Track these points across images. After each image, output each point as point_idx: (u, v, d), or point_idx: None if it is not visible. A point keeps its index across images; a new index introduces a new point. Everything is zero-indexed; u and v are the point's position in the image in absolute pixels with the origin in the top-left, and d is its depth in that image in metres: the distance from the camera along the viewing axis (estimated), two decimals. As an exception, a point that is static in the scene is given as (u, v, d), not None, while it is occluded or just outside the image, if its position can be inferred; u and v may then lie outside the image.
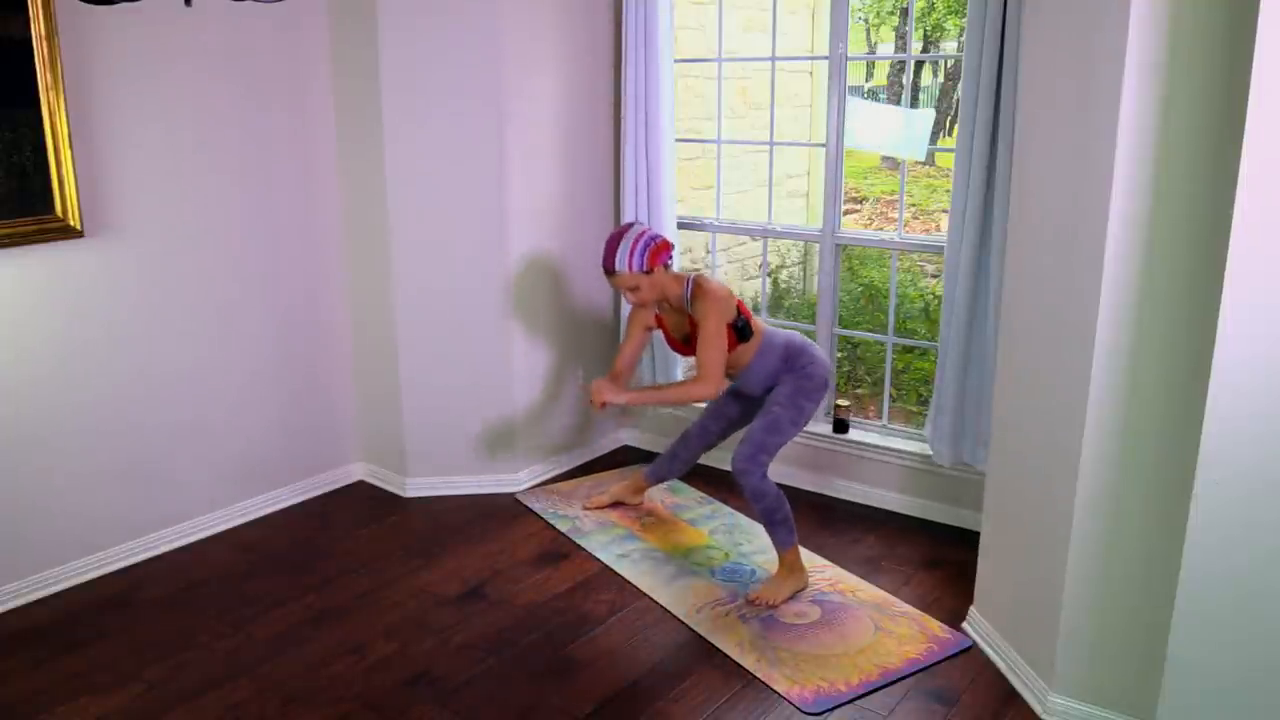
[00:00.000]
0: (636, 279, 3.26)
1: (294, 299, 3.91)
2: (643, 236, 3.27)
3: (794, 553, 3.30)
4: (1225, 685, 2.27)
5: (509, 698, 2.79)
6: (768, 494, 3.25)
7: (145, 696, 2.80)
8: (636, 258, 3.24)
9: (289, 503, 4.01)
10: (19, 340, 3.17)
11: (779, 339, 3.37)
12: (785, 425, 3.29)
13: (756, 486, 3.25)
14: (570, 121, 4.10)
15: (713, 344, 3.21)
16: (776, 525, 3.27)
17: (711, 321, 3.21)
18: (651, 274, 3.27)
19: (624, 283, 3.28)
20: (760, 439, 3.27)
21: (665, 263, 3.30)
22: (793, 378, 3.32)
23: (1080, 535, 2.52)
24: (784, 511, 3.27)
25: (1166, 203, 2.25)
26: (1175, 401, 2.31)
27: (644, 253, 3.24)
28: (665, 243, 3.30)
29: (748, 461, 3.24)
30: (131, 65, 3.29)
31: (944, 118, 9.25)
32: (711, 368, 3.21)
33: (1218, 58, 2.13)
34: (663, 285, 3.31)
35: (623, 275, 3.26)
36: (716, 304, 3.22)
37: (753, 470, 3.24)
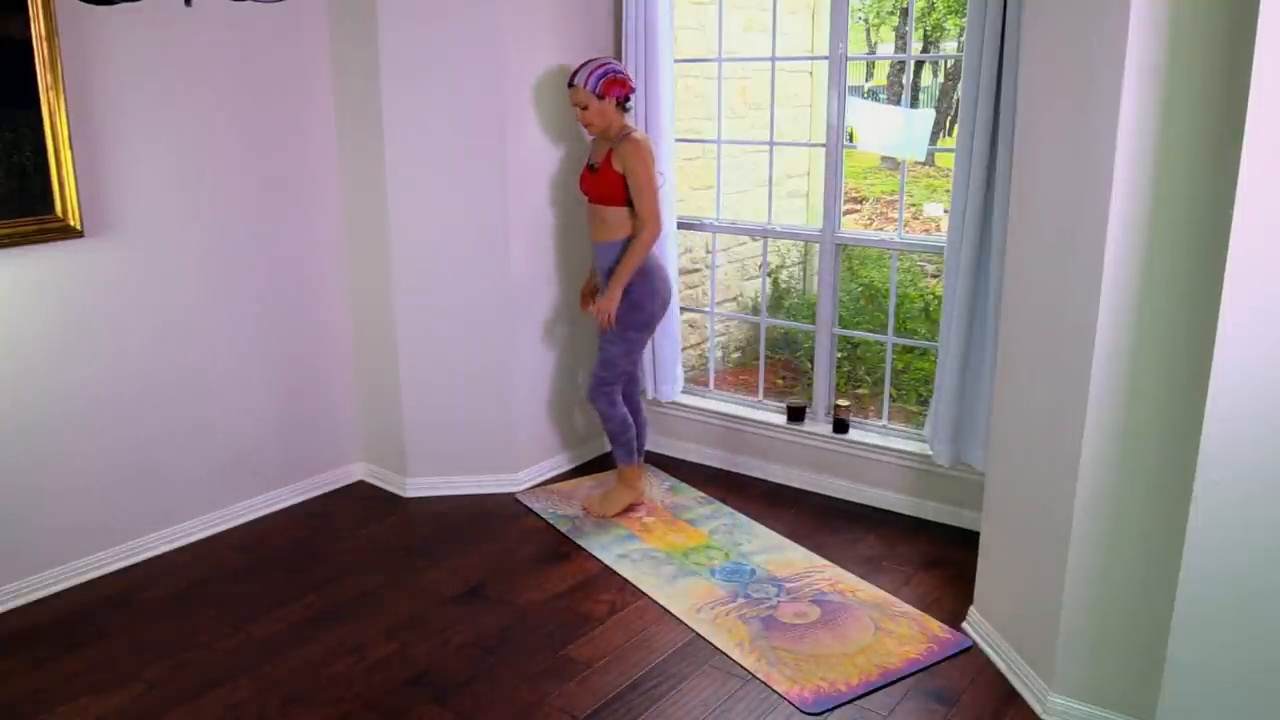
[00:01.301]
0: (587, 98, 3.57)
1: (294, 299, 3.91)
2: (607, 65, 3.60)
3: (631, 471, 3.82)
4: (1225, 685, 2.27)
5: (509, 698, 2.79)
6: (612, 417, 3.76)
7: (145, 696, 2.80)
8: (593, 79, 3.56)
9: (289, 503, 4.01)
10: (19, 340, 3.17)
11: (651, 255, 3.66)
12: (616, 358, 3.71)
13: (602, 410, 3.77)
14: (571, 121, 4.10)
15: (647, 188, 3.55)
16: (618, 445, 3.80)
17: (639, 171, 3.54)
18: (603, 100, 3.57)
19: (577, 98, 3.60)
20: (598, 374, 3.75)
21: (619, 97, 3.60)
22: (624, 305, 3.64)
23: (1080, 535, 2.52)
24: (627, 435, 3.78)
25: (1166, 204, 2.25)
26: (1175, 402, 2.31)
27: (601, 78, 3.55)
28: (624, 79, 3.60)
29: (594, 392, 3.77)
30: (131, 65, 3.29)
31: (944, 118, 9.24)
32: (649, 212, 3.56)
33: (1218, 59, 2.13)
34: (613, 116, 3.62)
35: (578, 90, 3.59)
36: (641, 153, 3.55)
37: (598, 398, 3.76)
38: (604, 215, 3.67)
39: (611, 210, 3.64)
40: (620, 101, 3.62)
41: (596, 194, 3.67)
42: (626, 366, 3.75)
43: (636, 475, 3.86)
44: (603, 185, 3.63)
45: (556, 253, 4.15)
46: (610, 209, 3.64)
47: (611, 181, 3.60)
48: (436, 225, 3.87)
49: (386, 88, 3.72)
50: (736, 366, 6.12)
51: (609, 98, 3.57)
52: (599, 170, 3.64)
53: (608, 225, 3.67)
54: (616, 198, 3.61)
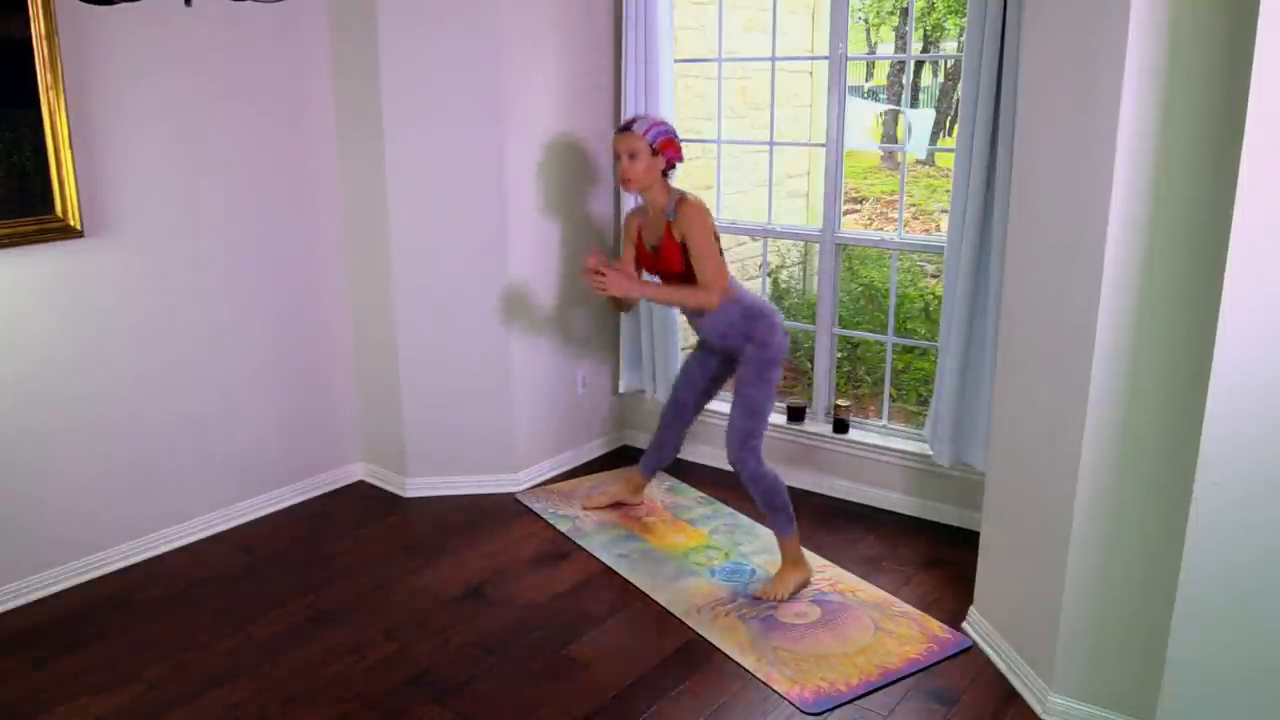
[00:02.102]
0: (642, 147, 3.29)
1: (294, 299, 3.91)
2: (668, 124, 3.37)
3: (795, 544, 3.33)
4: (1225, 686, 2.27)
5: (509, 698, 2.79)
6: (765, 476, 3.31)
7: (145, 696, 2.80)
8: (654, 131, 3.31)
9: (289, 503, 4.01)
10: (19, 340, 3.17)
11: (741, 296, 3.38)
12: (760, 404, 3.33)
13: (753, 470, 3.30)
14: (570, 121, 4.10)
15: (707, 255, 3.26)
16: (776, 510, 3.31)
17: (698, 234, 3.26)
18: (655, 156, 3.31)
19: (629, 143, 3.30)
20: (742, 426, 3.32)
21: (670, 160, 3.36)
22: (753, 348, 3.34)
23: (1080, 536, 2.52)
24: (783, 497, 3.31)
25: (1166, 204, 2.25)
26: (1175, 402, 2.31)
27: (660, 134, 3.32)
28: (679, 144, 3.38)
29: (740, 449, 3.31)
30: (131, 65, 3.29)
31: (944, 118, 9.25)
32: (709, 275, 3.25)
33: (1218, 60, 2.13)
34: (655, 177, 3.35)
35: (634, 135, 3.30)
36: (700, 217, 3.28)
37: (746, 456, 3.30)
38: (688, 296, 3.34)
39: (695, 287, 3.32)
40: (669, 166, 3.37)
41: (671, 273, 3.39)
42: (770, 412, 3.36)
43: (799, 547, 3.36)
44: (671, 263, 3.36)
45: (556, 252, 4.15)
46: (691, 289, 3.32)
47: (680, 256, 3.34)
48: (436, 225, 3.87)
49: (387, 88, 3.72)
50: (736, 366, 6.11)
51: (662, 156, 3.32)
52: (661, 250, 3.36)
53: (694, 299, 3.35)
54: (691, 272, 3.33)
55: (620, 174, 3.36)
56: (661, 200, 3.37)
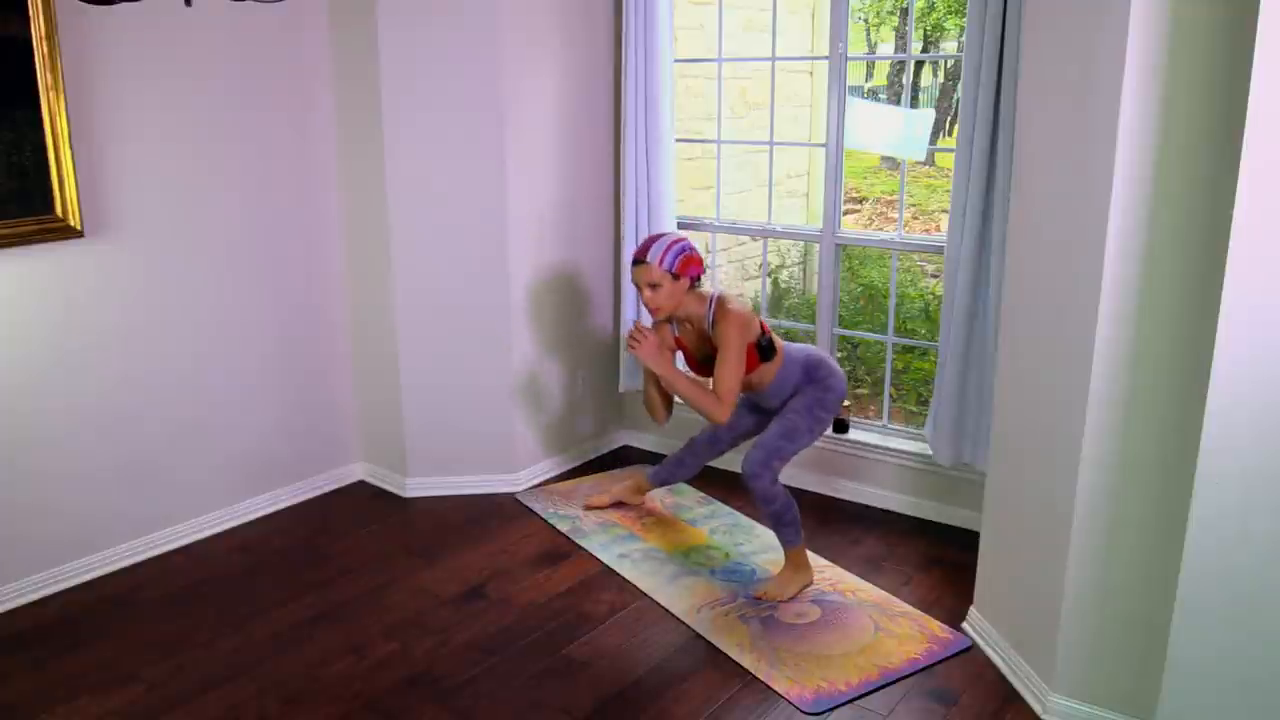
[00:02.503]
0: (662, 276, 3.20)
1: (294, 299, 3.91)
2: (682, 242, 3.25)
3: (801, 552, 3.32)
4: (1225, 685, 2.27)
5: (509, 698, 2.79)
6: (777, 498, 3.26)
7: (145, 696, 2.80)
8: (670, 256, 3.20)
9: (289, 503, 4.01)
10: (19, 340, 3.17)
11: (798, 354, 3.36)
12: (801, 433, 3.29)
13: (766, 491, 3.25)
14: (570, 121, 4.10)
15: (731, 367, 3.17)
16: (785, 526, 3.28)
17: (733, 344, 3.17)
18: (677, 280, 3.22)
19: (648, 275, 3.21)
20: (775, 444, 3.26)
21: (694, 277, 3.25)
22: (812, 388, 3.33)
23: (1080, 535, 2.52)
24: (793, 514, 3.28)
25: (1167, 203, 2.25)
26: (1175, 402, 2.31)
27: (678, 256, 3.21)
28: (699, 259, 3.26)
29: (760, 466, 3.24)
30: (131, 65, 3.29)
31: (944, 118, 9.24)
32: (726, 393, 3.17)
33: (1218, 59, 2.13)
34: (683, 298, 3.25)
35: (651, 267, 3.20)
36: (740, 325, 3.18)
37: (763, 475, 3.24)
38: (756, 379, 3.34)
39: (756, 374, 3.32)
40: (694, 283, 3.28)
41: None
42: (802, 448, 3.34)
43: (804, 552, 3.37)
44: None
45: (557, 252, 4.15)
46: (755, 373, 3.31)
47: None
48: (436, 225, 3.87)
49: (387, 88, 3.72)
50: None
51: (684, 278, 3.23)
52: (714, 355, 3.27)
53: (761, 382, 3.35)
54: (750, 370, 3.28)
55: (645, 304, 3.28)
56: (698, 311, 3.28)
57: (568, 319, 4.25)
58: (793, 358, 3.35)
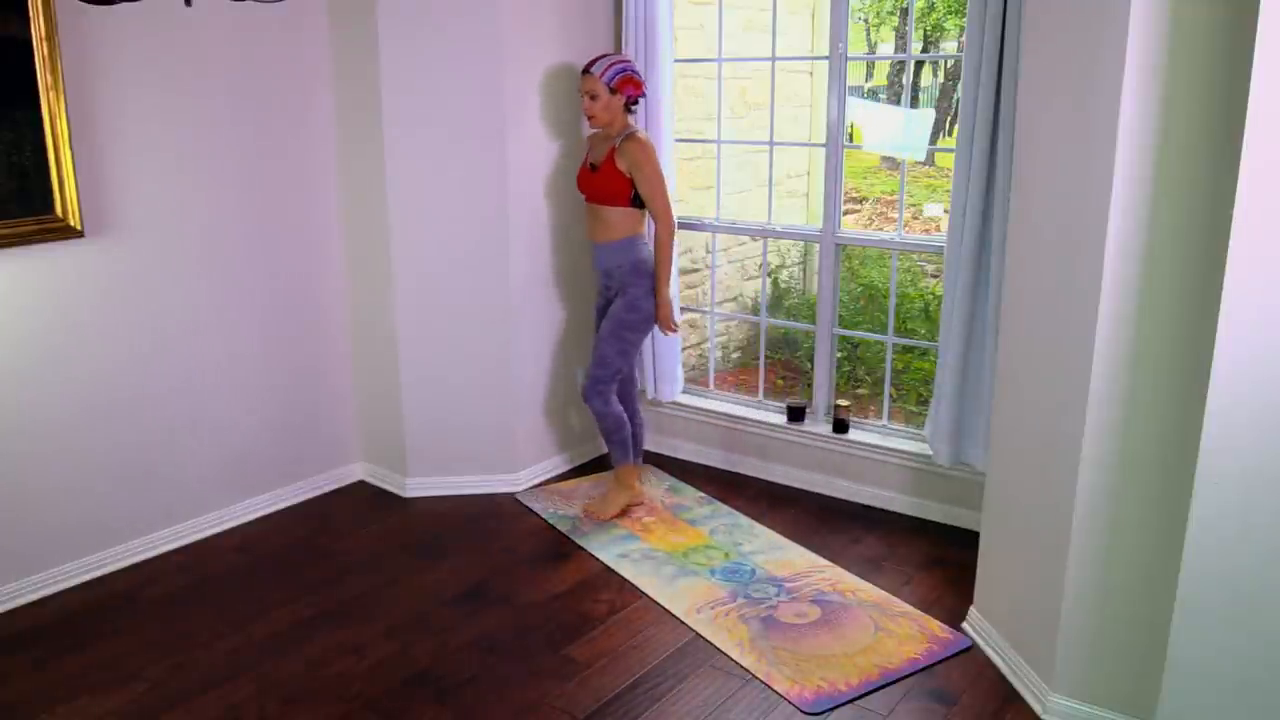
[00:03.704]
0: (600, 89, 3.56)
1: (294, 299, 3.91)
2: (625, 62, 3.60)
3: (628, 471, 3.79)
4: (1225, 685, 2.27)
5: (509, 698, 2.79)
6: (607, 415, 3.73)
7: (145, 696, 2.80)
8: (610, 72, 3.56)
9: (289, 503, 4.01)
10: (18, 340, 3.17)
11: (640, 249, 3.69)
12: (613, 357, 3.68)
13: (598, 410, 3.73)
14: (571, 121, 4.10)
15: (658, 190, 3.59)
16: (614, 444, 3.77)
17: (648, 170, 3.57)
18: (614, 95, 3.57)
19: (589, 84, 3.58)
20: (595, 373, 3.70)
21: (630, 96, 3.61)
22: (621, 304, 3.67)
23: (1080, 535, 2.52)
24: (622, 434, 3.75)
25: (1167, 203, 2.25)
26: (1175, 402, 2.31)
27: (618, 74, 3.56)
28: (638, 80, 3.61)
29: (590, 390, 3.73)
30: (131, 65, 3.29)
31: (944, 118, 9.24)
32: (663, 209, 3.60)
33: (1218, 59, 2.13)
34: (617, 114, 3.62)
35: (592, 78, 3.57)
36: (649, 153, 3.59)
37: (593, 397, 3.72)
38: (604, 215, 3.67)
39: (613, 210, 3.65)
40: (629, 102, 3.63)
41: (597, 194, 3.67)
42: (621, 365, 3.73)
43: (633, 475, 3.85)
44: (604, 185, 3.63)
45: (556, 252, 4.15)
46: (611, 209, 3.65)
47: (614, 181, 3.60)
48: (436, 225, 3.87)
49: (387, 88, 3.72)
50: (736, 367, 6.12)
51: (620, 94, 3.58)
52: (600, 169, 3.64)
53: (608, 225, 3.67)
54: (618, 197, 3.62)
55: (584, 111, 3.64)
56: (616, 128, 3.65)
57: (568, 318, 4.25)
58: (640, 246, 3.69)
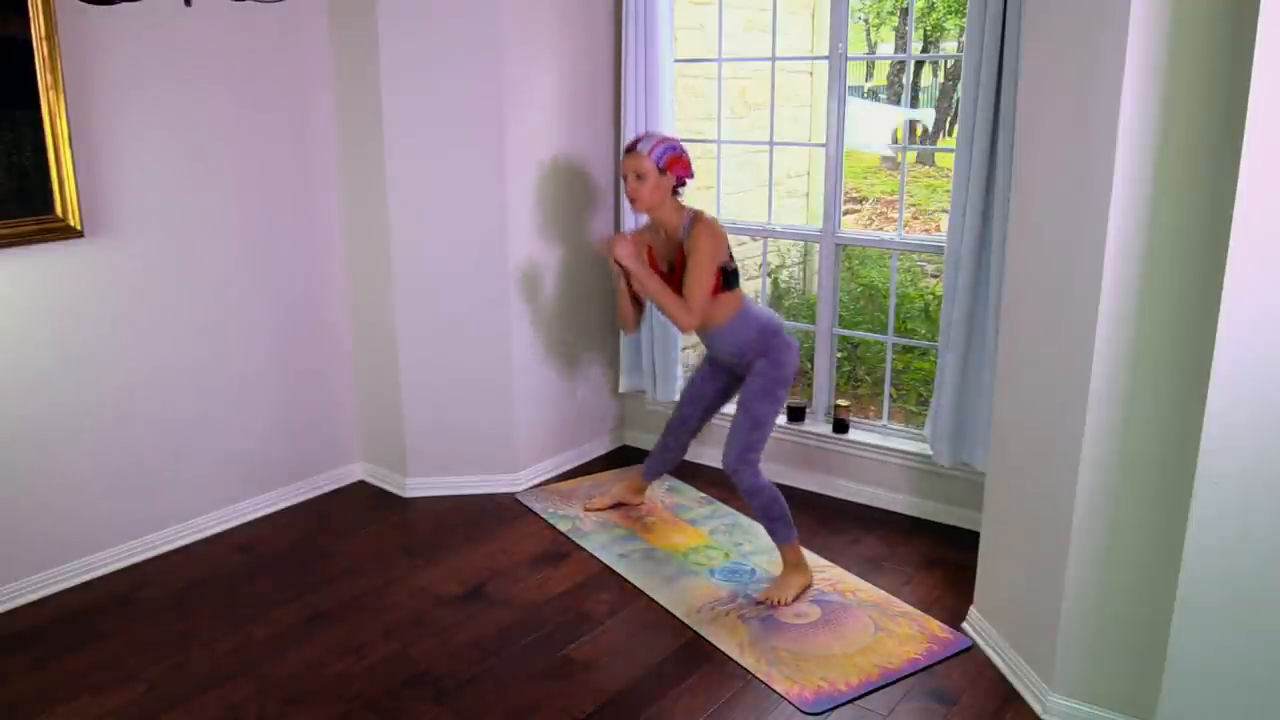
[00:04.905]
0: (648, 167, 3.25)
1: (294, 299, 3.91)
2: (675, 143, 3.33)
3: (795, 549, 3.31)
4: (1225, 685, 2.27)
5: (509, 698, 2.79)
6: (763, 490, 3.28)
7: (145, 696, 2.80)
8: (659, 149, 3.27)
9: (289, 503, 4.01)
10: (18, 340, 3.17)
11: (756, 314, 3.36)
12: (765, 419, 3.31)
13: (751, 484, 3.27)
14: (570, 121, 4.10)
15: (700, 274, 3.21)
16: (775, 521, 3.29)
17: (703, 253, 3.21)
18: (662, 175, 3.27)
19: (636, 164, 3.27)
20: (745, 438, 3.28)
21: (679, 177, 3.31)
22: (766, 364, 3.32)
23: (1080, 535, 2.52)
24: (780, 506, 3.29)
25: (1167, 203, 2.25)
26: (1175, 402, 2.31)
27: (667, 152, 3.28)
28: (688, 161, 3.32)
29: (738, 462, 3.27)
30: (131, 65, 3.28)
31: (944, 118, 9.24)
32: (694, 299, 3.23)
33: (1218, 59, 2.13)
34: (664, 197, 3.30)
35: (640, 156, 3.26)
36: (712, 238, 3.23)
37: (743, 469, 3.27)
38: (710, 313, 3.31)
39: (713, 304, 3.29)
40: (678, 184, 3.33)
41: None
42: (772, 429, 3.35)
43: (800, 551, 3.34)
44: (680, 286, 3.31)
45: (557, 252, 4.14)
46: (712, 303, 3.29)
47: None
48: (437, 225, 3.87)
49: (387, 88, 3.72)
50: (736, 366, 6.11)
51: (670, 174, 3.28)
52: (678, 272, 3.32)
53: (710, 315, 3.32)
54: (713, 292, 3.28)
55: (628, 194, 3.33)
56: (673, 220, 3.33)
57: (568, 319, 4.25)
58: (752, 314, 3.36)
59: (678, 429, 3.73)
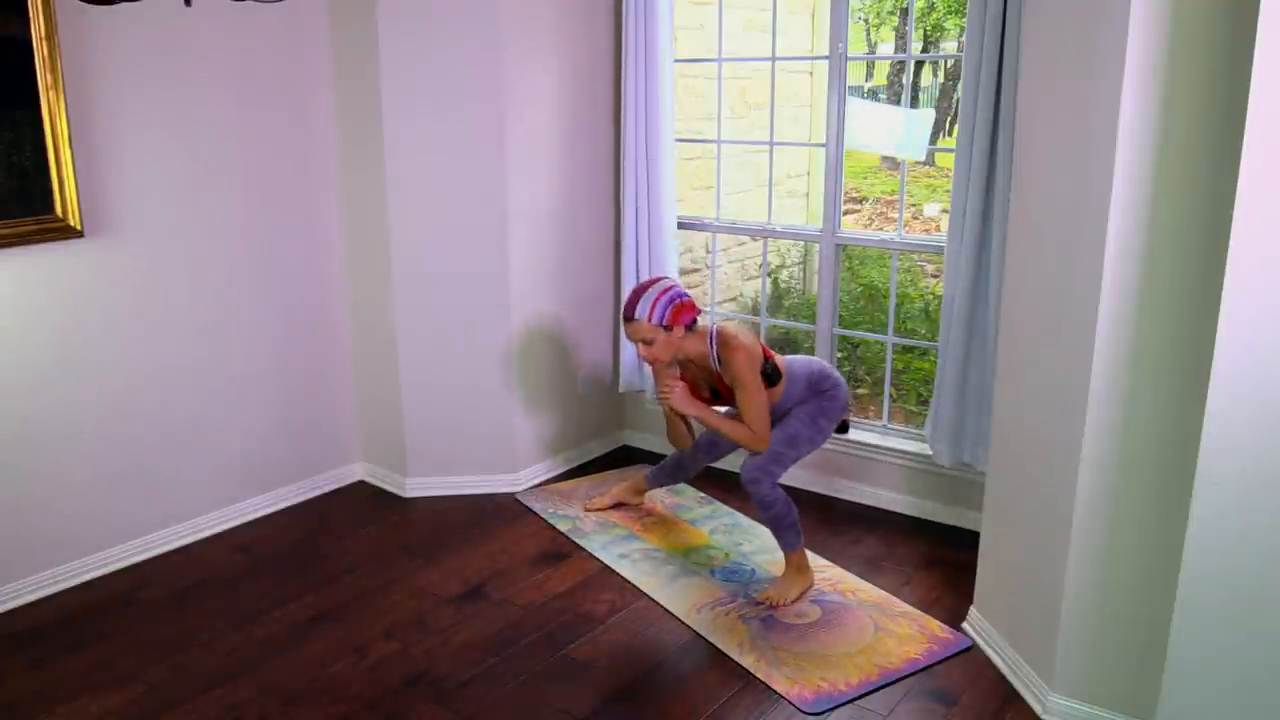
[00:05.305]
0: (654, 332, 3.13)
1: (294, 299, 3.91)
2: (670, 291, 3.16)
3: (800, 554, 3.31)
4: (1225, 685, 2.27)
5: (509, 698, 2.79)
6: (776, 502, 3.22)
7: (145, 696, 2.80)
8: (658, 310, 3.12)
9: (289, 503, 4.01)
10: (19, 340, 3.17)
11: (801, 369, 3.32)
12: (802, 441, 3.28)
13: (766, 496, 3.21)
14: (570, 122, 4.10)
15: (755, 399, 3.14)
16: (785, 530, 3.26)
17: (748, 377, 3.12)
18: (670, 331, 3.14)
19: (640, 332, 3.15)
20: (776, 451, 3.24)
21: (687, 324, 3.17)
22: (817, 399, 3.32)
23: (1080, 535, 2.52)
24: (792, 517, 3.25)
25: (1167, 203, 2.25)
26: (1175, 402, 2.31)
27: (666, 307, 3.13)
28: (690, 303, 3.19)
29: (759, 471, 3.21)
30: (131, 65, 3.29)
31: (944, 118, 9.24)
32: (759, 424, 3.16)
33: (1218, 59, 2.13)
34: (681, 345, 3.19)
35: (640, 324, 3.13)
36: (749, 356, 3.13)
37: (762, 480, 3.21)
38: None
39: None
40: (689, 328, 3.20)
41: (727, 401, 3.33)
42: (803, 455, 3.32)
43: (805, 556, 3.34)
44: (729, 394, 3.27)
45: (556, 252, 4.15)
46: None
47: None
48: (437, 225, 3.87)
49: (387, 88, 3.72)
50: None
51: (678, 327, 3.16)
52: (722, 394, 3.30)
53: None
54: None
55: (643, 358, 3.23)
56: (699, 350, 3.22)
57: (568, 319, 4.25)
58: (796, 374, 3.32)
59: (702, 452, 3.69)
